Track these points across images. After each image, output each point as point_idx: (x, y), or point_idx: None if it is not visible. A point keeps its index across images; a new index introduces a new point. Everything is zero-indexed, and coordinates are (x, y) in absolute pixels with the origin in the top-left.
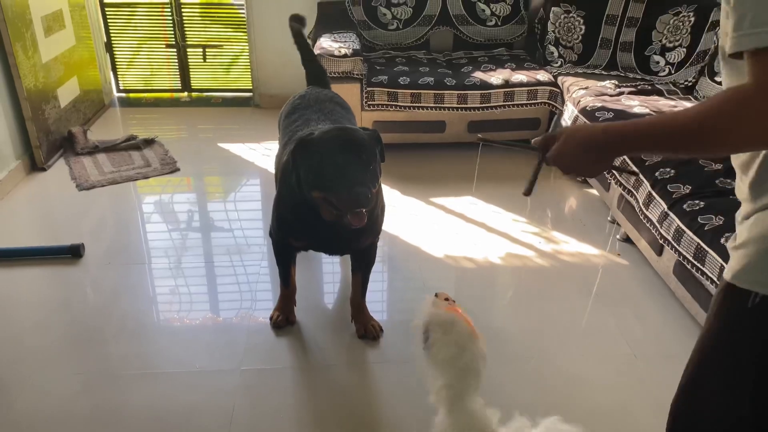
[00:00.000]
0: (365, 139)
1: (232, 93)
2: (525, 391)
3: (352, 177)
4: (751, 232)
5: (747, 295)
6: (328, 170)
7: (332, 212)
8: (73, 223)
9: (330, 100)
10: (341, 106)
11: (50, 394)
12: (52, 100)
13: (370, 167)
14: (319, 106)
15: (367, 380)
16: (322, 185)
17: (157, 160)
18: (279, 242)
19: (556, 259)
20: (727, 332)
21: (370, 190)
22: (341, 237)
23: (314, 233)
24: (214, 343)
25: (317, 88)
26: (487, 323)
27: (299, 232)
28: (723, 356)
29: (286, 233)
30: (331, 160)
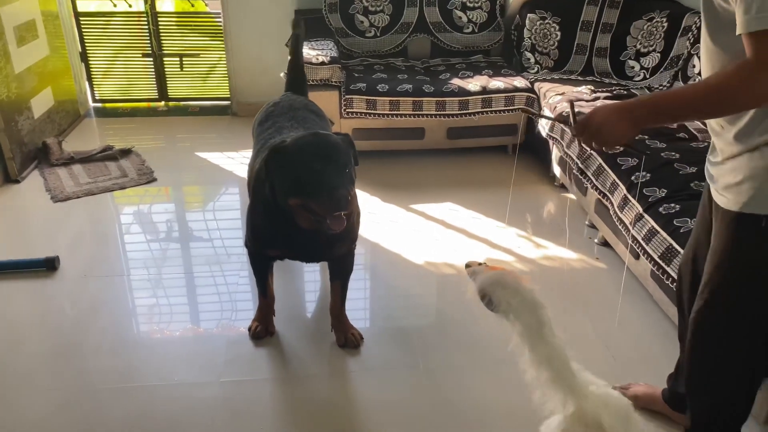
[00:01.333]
0: (340, 143)
1: (210, 102)
2: (506, 395)
3: (331, 181)
4: (749, 169)
5: (758, 218)
6: (306, 176)
7: (310, 219)
8: (49, 236)
9: (304, 107)
10: (315, 113)
11: (27, 410)
12: (26, 111)
13: (346, 171)
14: (292, 113)
15: (349, 390)
16: (300, 192)
17: (134, 170)
18: (254, 252)
19: (535, 264)
20: (745, 251)
21: (349, 193)
22: (317, 244)
23: (290, 242)
24: (194, 355)
25: (293, 95)
26: (468, 329)
27: (274, 242)
28: (744, 270)
29: (261, 243)
30: (308, 166)
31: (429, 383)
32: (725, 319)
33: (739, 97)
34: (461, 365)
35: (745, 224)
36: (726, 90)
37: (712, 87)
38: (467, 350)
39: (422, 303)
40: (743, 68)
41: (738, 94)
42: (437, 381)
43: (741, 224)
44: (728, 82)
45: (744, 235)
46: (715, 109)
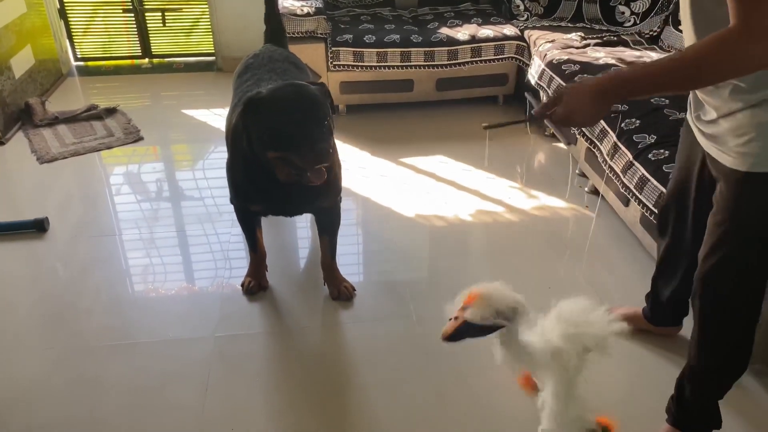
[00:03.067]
0: (317, 94)
1: (195, 58)
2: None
3: (311, 133)
4: (755, 126)
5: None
6: (285, 129)
7: (290, 172)
8: (36, 197)
9: (285, 59)
10: (295, 65)
11: (24, 370)
12: (6, 71)
13: (325, 122)
14: (272, 65)
15: (342, 341)
16: (279, 145)
17: (120, 129)
18: (239, 208)
19: (526, 214)
20: (758, 210)
21: (329, 145)
22: (299, 198)
23: (270, 196)
24: (188, 312)
25: (273, 46)
26: (459, 280)
27: (255, 196)
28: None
29: (243, 199)
30: (286, 118)
31: (422, 332)
32: (739, 277)
33: (722, 71)
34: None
35: (756, 183)
36: (706, 64)
37: (690, 61)
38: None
39: (414, 256)
40: (726, 40)
41: (720, 67)
42: (430, 330)
43: (751, 183)
44: (709, 55)
45: (757, 194)
46: (694, 84)
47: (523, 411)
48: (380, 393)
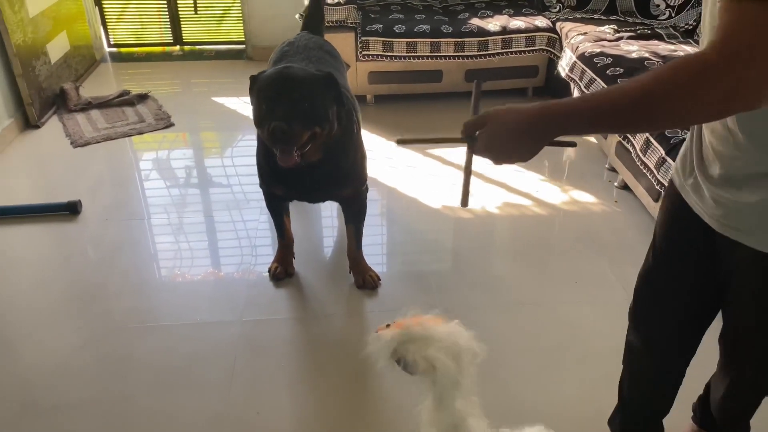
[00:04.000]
0: (304, 77)
1: (225, 46)
2: (520, 338)
3: (274, 112)
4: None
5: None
6: (260, 107)
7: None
8: (70, 180)
9: (319, 48)
10: (330, 54)
11: (54, 349)
12: (42, 56)
13: (304, 105)
14: (306, 53)
15: (367, 329)
16: (256, 123)
17: (151, 115)
18: (265, 192)
19: (554, 208)
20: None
21: (291, 127)
22: (316, 183)
23: (287, 180)
24: (215, 297)
25: (308, 34)
26: (485, 272)
27: (274, 179)
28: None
29: (265, 181)
30: (264, 96)
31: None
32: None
33: (682, 103)
34: (479, 306)
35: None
36: (667, 97)
37: (647, 91)
38: (485, 292)
39: (439, 247)
40: (696, 61)
41: (682, 97)
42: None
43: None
44: (672, 77)
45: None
46: (649, 124)
47: (548, 404)
48: (403, 382)
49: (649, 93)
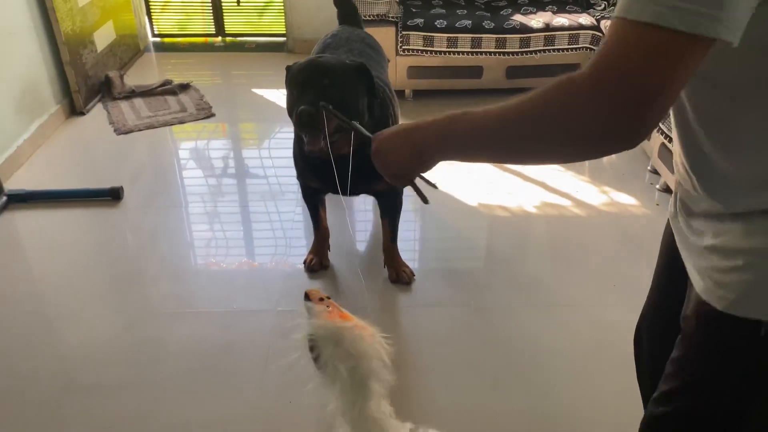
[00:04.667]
0: (334, 65)
1: (266, 38)
2: (556, 338)
3: (303, 98)
4: (752, 250)
5: (756, 325)
6: (291, 94)
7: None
8: (112, 167)
9: (361, 40)
10: (372, 47)
11: (94, 331)
12: (89, 44)
13: (332, 92)
14: (349, 46)
15: (400, 324)
16: (288, 111)
17: (193, 105)
18: (302, 184)
19: (594, 209)
20: (728, 362)
21: (317, 111)
22: (348, 175)
23: (320, 172)
24: (251, 286)
25: (350, 27)
26: (521, 272)
27: (308, 172)
28: (722, 384)
29: (300, 174)
30: (294, 83)
31: (481, 322)
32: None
33: (554, 136)
34: (513, 306)
35: (735, 328)
36: (538, 119)
37: (521, 111)
38: (519, 292)
39: (475, 245)
40: (568, 83)
41: (551, 129)
42: (489, 320)
43: (728, 327)
44: (542, 104)
45: (731, 344)
46: (519, 152)
47: (582, 408)
48: (435, 378)
49: (522, 114)
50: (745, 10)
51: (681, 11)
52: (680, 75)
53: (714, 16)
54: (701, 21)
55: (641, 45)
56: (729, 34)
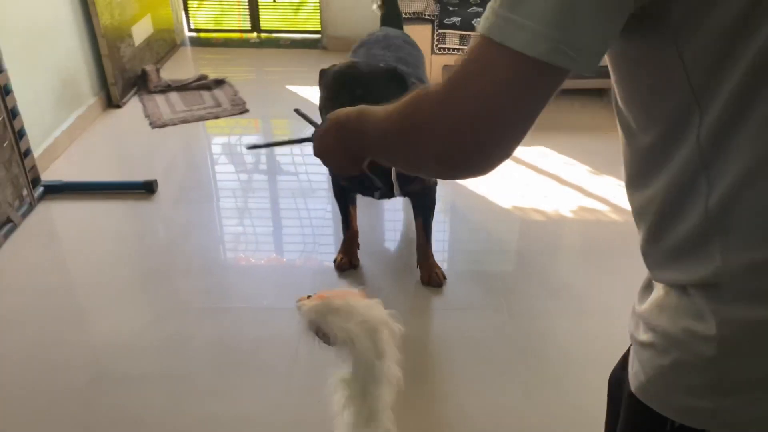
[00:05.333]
0: (366, 72)
1: (301, 35)
2: (588, 347)
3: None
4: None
5: (662, 420)
6: (324, 102)
7: None
8: (147, 160)
9: (401, 37)
10: (411, 45)
11: (124, 323)
12: (127, 38)
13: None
14: (387, 41)
15: (431, 327)
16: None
17: (227, 100)
18: (335, 183)
19: (630, 214)
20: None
21: None
22: (395, 181)
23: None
24: (280, 283)
25: (390, 28)
26: (554, 277)
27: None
28: None
29: (332, 173)
30: (327, 92)
31: (514, 327)
32: None
33: (420, 140)
34: (546, 312)
35: (645, 415)
36: (399, 131)
37: (390, 120)
38: (553, 297)
39: (509, 248)
40: (419, 99)
41: (420, 131)
42: (523, 326)
43: (640, 412)
44: (401, 118)
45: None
46: (403, 162)
47: None
48: (466, 383)
49: (391, 123)
50: (594, 39)
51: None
52: (525, 101)
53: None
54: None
55: (484, 61)
56: (573, 64)
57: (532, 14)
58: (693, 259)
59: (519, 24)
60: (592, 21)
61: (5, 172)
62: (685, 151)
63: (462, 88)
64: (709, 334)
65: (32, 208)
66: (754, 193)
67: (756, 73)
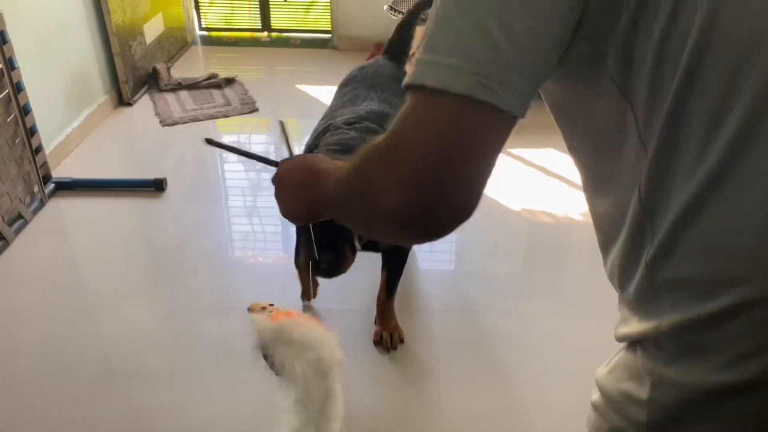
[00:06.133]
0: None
1: (311, 34)
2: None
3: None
4: (606, 387)
5: None
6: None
7: None
8: (157, 158)
9: (390, 75)
10: (400, 81)
11: (135, 319)
12: (139, 36)
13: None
14: (374, 80)
15: (436, 326)
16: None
17: (237, 99)
18: (297, 250)
19: None
20: None
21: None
22: None
23: None
24: (288, 282)
25: (384, 61)
26: (563, 279)
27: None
28: None
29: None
30: None
31: (521, 329)
32: None
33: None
34: (555, 315)
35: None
36: (360, 174)
37: (354, 165)
38: (562, 300)
39: (517, 250)
40: (374, 149)
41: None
42: (529, 328)
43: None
44: (365, 159)
45: None
46: (354, 210)
47: None
48: (473, 384)
49: (351, 171)
50: (520, 76)
51: (437, 67)
52: (468, 145)
53: (472, 70)
54: (459, 76)
55: (416, 108)
56: (499, 100)
57: (451, 50)
58: (643, 311)
59: (438, 62)
60: (513, 53)
61: (17, 168)
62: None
63: (404, 138)
64: (642, 397)
65: (43, 204)
66: (689, 248)
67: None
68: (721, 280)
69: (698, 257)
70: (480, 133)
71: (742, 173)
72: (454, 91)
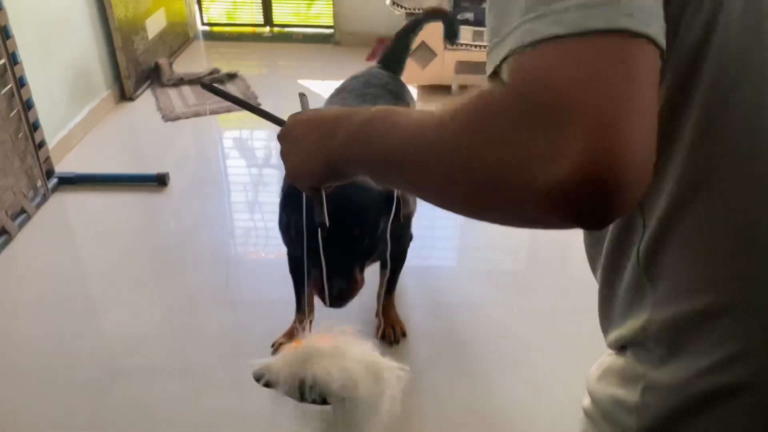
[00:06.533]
0: (364, 209)
1: (313, 29)
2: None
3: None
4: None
5: None
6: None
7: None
8: (159, 153)
9: (382, 86)
10: (393, 93)
11: (137, 315)
12: (141, 31)
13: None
14: (364, 90)
15: (437, 322)
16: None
17: (239, 94)
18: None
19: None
20: None
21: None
22: None
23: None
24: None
25: (378, 71)
26: (568, 276)
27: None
28: None
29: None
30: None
31: (522, 325)
32: None
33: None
34: (560, 310)
35: None
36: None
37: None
38: (567, 297)
39: (520, 246)
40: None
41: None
42: (531, 323)
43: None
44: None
45: None
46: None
47: None
48: (474, 379)
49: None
50: None
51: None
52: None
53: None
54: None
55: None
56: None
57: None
58: (632, 312)
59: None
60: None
61: (20, 163)
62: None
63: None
64: (633, 402)
65: (46, 199)
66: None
67: None
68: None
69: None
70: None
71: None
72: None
